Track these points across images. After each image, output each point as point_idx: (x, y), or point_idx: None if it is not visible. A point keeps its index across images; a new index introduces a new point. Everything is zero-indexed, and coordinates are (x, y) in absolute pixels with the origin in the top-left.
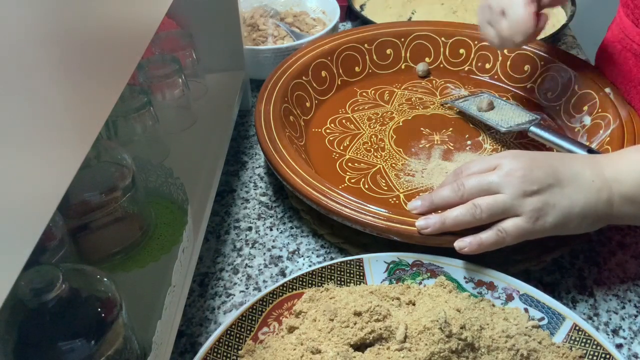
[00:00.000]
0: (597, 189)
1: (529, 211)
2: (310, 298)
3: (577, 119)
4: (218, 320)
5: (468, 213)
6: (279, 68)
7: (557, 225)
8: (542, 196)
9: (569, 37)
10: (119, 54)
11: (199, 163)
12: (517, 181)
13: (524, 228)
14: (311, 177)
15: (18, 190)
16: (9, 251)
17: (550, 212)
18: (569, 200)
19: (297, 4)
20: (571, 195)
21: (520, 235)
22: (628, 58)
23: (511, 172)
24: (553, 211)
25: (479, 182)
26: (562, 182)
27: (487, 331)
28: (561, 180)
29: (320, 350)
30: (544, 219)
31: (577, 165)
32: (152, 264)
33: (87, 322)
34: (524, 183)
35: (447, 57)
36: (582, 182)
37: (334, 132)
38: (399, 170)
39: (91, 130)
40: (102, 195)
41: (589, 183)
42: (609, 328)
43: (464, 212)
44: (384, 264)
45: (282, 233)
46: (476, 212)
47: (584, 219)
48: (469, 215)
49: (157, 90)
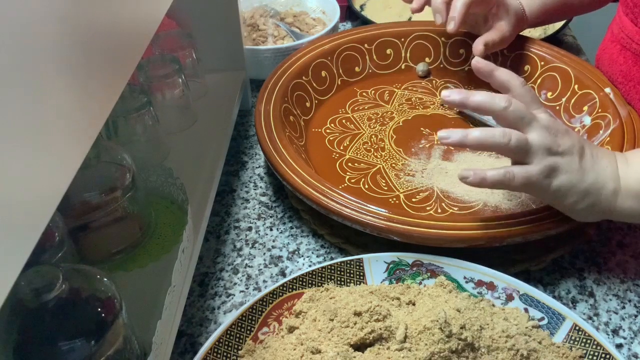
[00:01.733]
0: (608, 176)
1: (544, 165)
2: (310, 298)
3: (577, 119)
4: (218, 320)
5: (495, 134)
6: (279, 68)
7: (559, 192)
8: (562, 159)
9: (569, 37)
10: (119, 54)
11: (199, 163)
12: (548, 135)
13: (532, 178)
14: (311, 177)
15: (18, 190)
16: (9, 251)
17: (559, 176)
18: (581, 173)
19: (297, 4)
20: (585, 169)
21: (525, 184)
22: (628, 57)
23: (546, 125)
24: (563, 176)
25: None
26: (582, 156)
27: (487, 331)
28: (582, 154)
29: (320, 350)
30: (551, 179)
31: (598, 150)
32: (152, 264)
33: (87, 322)
34: (552, 139)
35: (447, 57)
36: (597, 164)
37: (334, 132)
38: (399, 170)
39: (91, 130)
40: (102, 195)
41: (603, 167)
42: (609, 328)
43: (490, 134)
44: (384, 264)
45: (282, 233)
46: (504, 138)
47: (584, 198)
48: (492, 137)
49: (157, 90)
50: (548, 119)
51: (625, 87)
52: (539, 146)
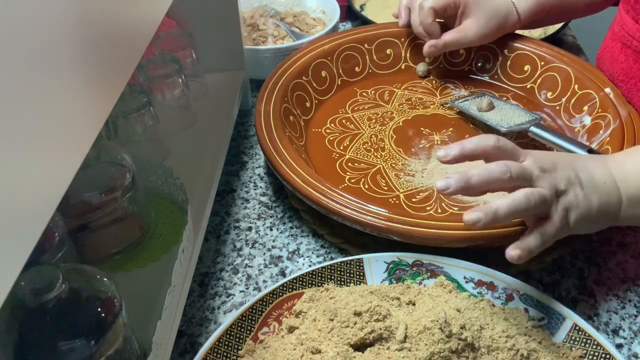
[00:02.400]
0: (608, 191)
1: (561, 209)
2: (310, 298)
3: (577, 119)
4: (218, 320)
5: (493, 168)
6: (279, 68)
7: (575, 225)
8: (567, 197)
9: (569, 37)
10: (119, 53)
11: (199, 163)
12: (549, 177)
13: (558, 227)
14: (311, 177)
15: (18, 190)
16: (9, 251)
17: (573, 212)
18: (588, 201)
19: (297, 4)
20: (589, 196)
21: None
22: (629, 55)
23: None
24: (577, 211)
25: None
26: (582, 183)
27: (487, 331)
28: (581, 180)
29: (320, 350)
30: (568, 219)
31: (589, 166)
32: (152, 264)
33: (87, 322)
34: (555, 180)
35: (447, 57)
36: (596, 184)
37: (334, 132)
38: (399, 170)
39: (91, 130)
40: (102, 195)
41: (602, 185)
42: (609, 328)
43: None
44: (384, 264)
45: (282, 233)
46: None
47: (598, 220)
48: (492, 171)
49: (157, 90)
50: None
51: (626, 85)
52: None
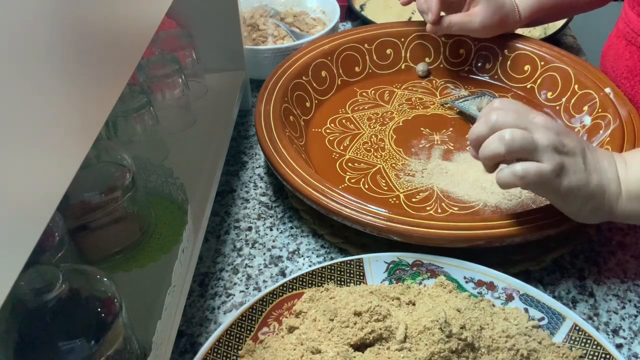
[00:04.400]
0: (609, 177)
1: (556, 162)
2: (310, 298)
3: (577, 119)
4: (218, 320)
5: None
6: (279, 68)
7: (567, 193)
8: (569, 158)
9: (569, 37)
10: (119, 54)
11: (199, 163)
12: (552, 134)
13: (545, 176)
14: (311, 177)
15: (18, 190)
16: (9, 251)
17: (568, 175)
18: (586, 174)
19: (297, 4)
20: (589, 171)
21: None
22: (633, 52)
23: (547, 126)
24: (572, 176)
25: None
26: (585, 158)
27: (487, 331)
28: (585, 155)
29: (320, 350)
30: (562, 178)
31: (598, 152)
32: (152, 264)
33: (87, 322)
34: (558, 139)
35: (447, 57)
36: (600, 166)
37: (334, 132)
38: (399, 170)
39: (91, 130)
40: (102, 195)
41: (605, 169)
42: (609, 328)
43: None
44: (384, 264)
45: (282, 233)
46: (506, 137)
47: (589, 200)
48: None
49: (157, 90)
50: (546, 119)
51: (630, 82)
52: (547, 145)
